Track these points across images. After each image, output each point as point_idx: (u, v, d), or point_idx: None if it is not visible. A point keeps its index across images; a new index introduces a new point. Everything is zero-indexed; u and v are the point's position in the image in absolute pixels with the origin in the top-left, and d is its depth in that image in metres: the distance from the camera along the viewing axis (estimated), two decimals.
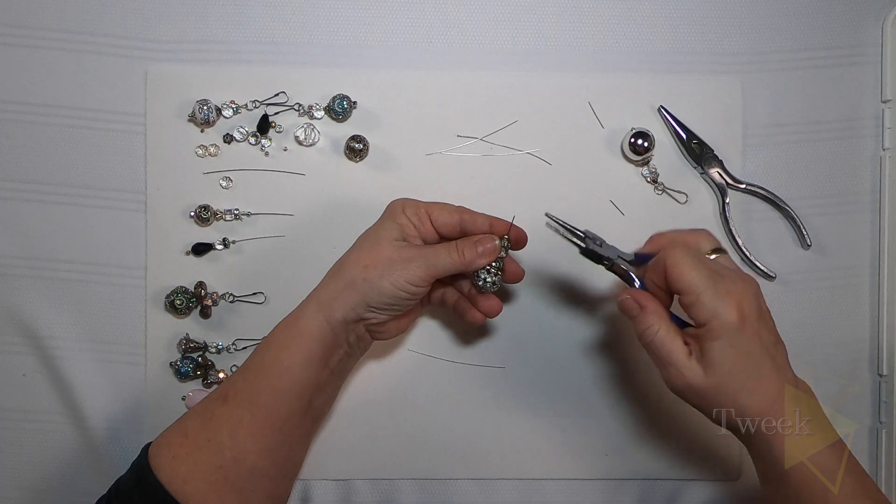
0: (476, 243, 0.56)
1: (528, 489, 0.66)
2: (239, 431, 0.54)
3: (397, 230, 0.56)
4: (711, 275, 0.50)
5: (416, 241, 0.57)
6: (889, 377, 0.66)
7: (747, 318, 0.49)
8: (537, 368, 0.65)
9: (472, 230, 0.57)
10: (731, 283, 0.50)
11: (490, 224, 0.57)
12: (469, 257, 0.55)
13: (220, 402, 0.55)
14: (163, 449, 0.54)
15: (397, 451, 0.65)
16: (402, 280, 0.54)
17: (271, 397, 0.55)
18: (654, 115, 0.66)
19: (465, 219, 0.56)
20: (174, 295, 0.63)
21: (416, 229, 0.56)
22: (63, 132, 0.65)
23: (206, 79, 0.64)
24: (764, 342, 0.50)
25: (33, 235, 0.64)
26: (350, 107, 0.64)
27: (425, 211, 0.56)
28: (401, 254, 0.54)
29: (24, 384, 0.65)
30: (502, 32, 0.66)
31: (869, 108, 0.67)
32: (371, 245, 0.56)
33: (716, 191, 0.66)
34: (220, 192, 0.65)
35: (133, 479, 0.54)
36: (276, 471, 0.57)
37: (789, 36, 0.67)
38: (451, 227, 0.57)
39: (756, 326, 0.50)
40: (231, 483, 0.54)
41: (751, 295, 0.50)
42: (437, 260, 0.55)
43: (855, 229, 0.67)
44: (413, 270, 0.54)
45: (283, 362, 0.55)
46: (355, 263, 0.55)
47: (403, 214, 0.56)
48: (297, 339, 0.55)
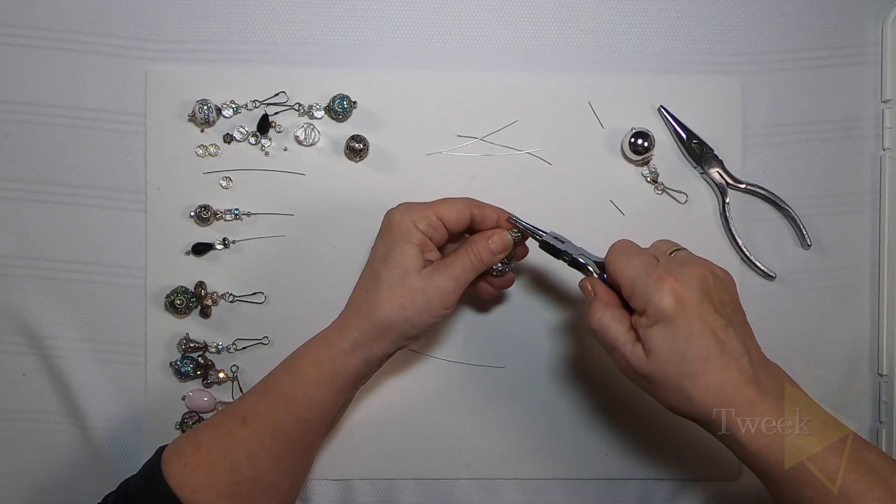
0: (488, 242, 0.55)
1: (528, 489, 0.66)
2: (259, 455, 0.53)
3: (418, 254, 0.54)
4: (646, 264, 0.50)
5: (434, 253, 0.56)
6: (889, 377, 0.66)
7: (686, 302, 0.48)
8: (537, 368, 0.65)
9: (483, 225, 0.56)
10: (667, 270, 0.49)
11: (498, 217, 0.56)
12: (487, 260, 0.55)
13: (237, 421, 0.54)
14: (174, 456, 0.54)
15: (397, 451, 0.65)
16: (440, 308, 0.54)
17: (298, 427, 0.54)
18: (654, 115, 0.66)
19: (476, 214, 0.56)
20: (174, 295, 0.63)
21: (432, 240, 0.55)
22: (63, 132, 0.65)
23: (206, 79, 0.64)
24: (710, 325, 0.48)
25: (33, 235, 0.64)
26: (350, 107, 0.64)
27: (436, 217, 0.54)
28: (433, 282, 0.53)
29: (24, 384, 0.65)
30: (502, 32, 0.66)
31: (869, 108, 0.67)
32: (401, 280, 0.53)
33: (716, 191, 0.66)
34: (220, 192, 0.65)
35: (143, 481, 0.53)
36: (291, 485, 0.57)
37: (789, 36, 0.67)
38: (462, 225, 0.56)
39: (699, 310, 0.48)
40: (245, 497, 0.53)
41: (692, 279, 0.49)
42: (463, 274, 0.54)
43: (855, 229, 0.67)
44: (447, 296, 0.54)
45: (314, 398, 0.54)
46: (390, 303, 0.53)
47: (417, 231, 0.54)
48: (332, 379, 0.54)
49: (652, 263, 0.50)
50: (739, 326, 0.50)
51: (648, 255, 0.51)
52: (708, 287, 0.49)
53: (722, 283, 0.51)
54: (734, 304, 0.51)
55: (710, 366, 0.48)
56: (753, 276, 0.66)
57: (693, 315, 0.48)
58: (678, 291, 0.48)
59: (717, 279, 0.50)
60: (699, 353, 0.48)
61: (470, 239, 0.56)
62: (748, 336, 0.50)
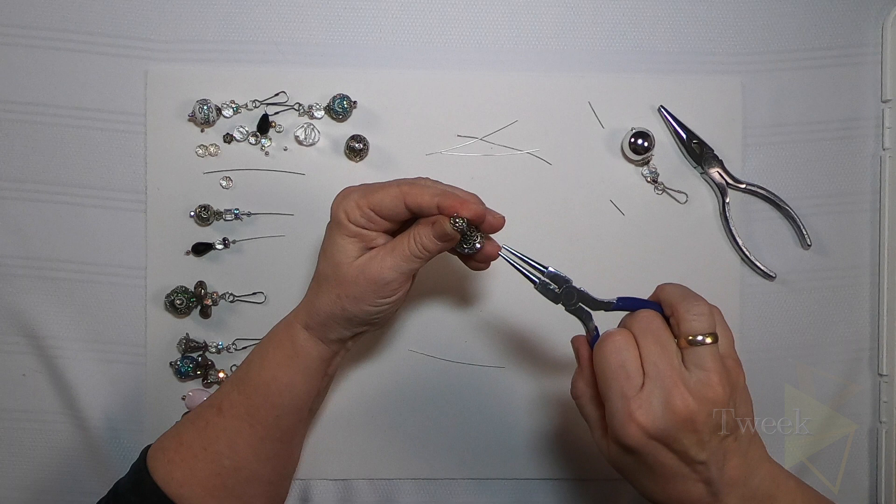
0: (432, 229, 0.50)
1: (527, 489, 0.66)
2: (238, 443, 0.54)
3: (351, 245, 0.51)
4: (624, 387, 0.45)
5: (380, 237, 0.52)
6: (889, 377, 0.66)
7: (653, 441, 0.45)
8: (537, 368, 0.65)
9: (420, 213, 0.51)
10: (643, 404, 0.44)
11: (437, 204, 0.50)
12: (433, 248, 0.51)
13: (214, 412, 0.55)
14: (159, 452, 0.54)
15: (397, 451, 0.65)
16: (378, 298, 0.52)
17: (271, 412, 0.54)
18: (654, 115, 0.66)
19: (410, 204, 0.50)
20: (174, 295, 0.63)
21: (371, 229, 0.52)
22: (63, 132, 0.64)
23: (206, 79, 0.64)
24: (684, 456, 0.45)
25: (33, 235, 0.64)
26: (350, 107, 0.64)
27: (368, 207, 0.50)
28: (366, 274, 0.51)
29: (24, 384, 0.65)
30: (502, 32, 0.66)
31: (869, 108, 0.67)
32: (334, 272, 0.52)
33: (716, 191, 0.66)
34: (220, 192, 0.65)
35: (131, 480, 0.54)
36: (275, 475, 0.57)
37: (789, 36, 0.67)
38: (399, 215, 0.51)
39: (669, 446, 0.45)
40: (230, 489, 0.54)
41: (672, 419, 0.44)
42: (404, 264, 0.51)
43: (855, 229, 0.67)
44: (384, 286, 0.51)
45: (281, 380, 0.54)
46: (326, 294, 0.52)
47: (350, 223, 0.51)
48: (295, 360, 0.54)
49: (625, 394, 0.45)
50: (724, 449, 0.46)
51: (636, 366, 0.46)
52: (693, 425, 0.44)
53: (720, 406, 0.45)
54: (733, 421, 0.46)
55: (678, 490, 0.46)
56: (753, 276, 0.66)
57: (659, 450, 0.45)
58: (648, 431, 0.44)
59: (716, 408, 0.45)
60: (667, 481, 0.46)
61: (414, 226, 0.52)
62: (730, 452, 0.46)
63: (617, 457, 0.47)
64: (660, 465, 0.46)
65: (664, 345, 0.46)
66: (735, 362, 0.48)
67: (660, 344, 0.46)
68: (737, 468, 0.46)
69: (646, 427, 0.44)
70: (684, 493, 0.46)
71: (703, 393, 0.44)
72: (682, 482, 0.46)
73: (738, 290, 0.66)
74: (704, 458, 0.45)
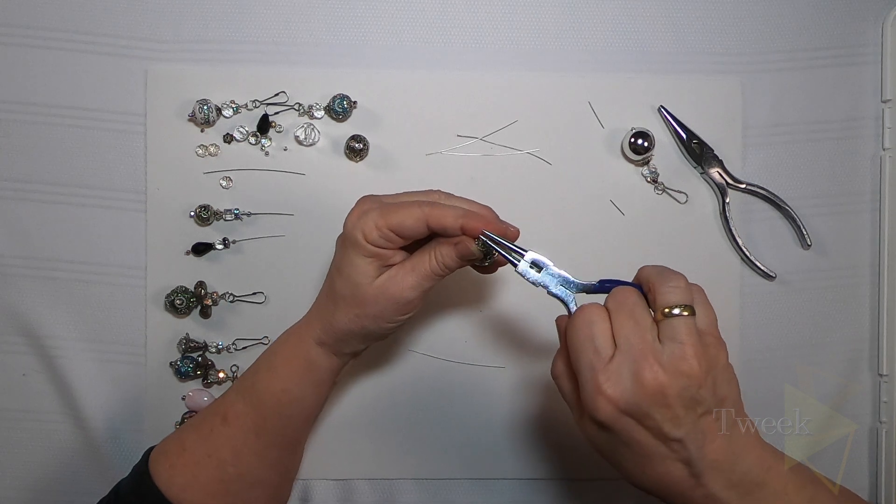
0: (454, 249, 0.51)
1: (528, 489, 0.66)
2: (243, 451, 0.54)
3: (369, 265, 0.51)
4: (594, 361, 0.45)
5: (397, 255, 0.52)
6: (889, 377, 0.66)
7: (625, 416, 0.44)
8: (537, 368, 0.65)
9: (443, 234, 0.51)
10: (611, 376, 0.44)
11: (461, 225, 0.50)
12: (452, 266, 0.52)
13: (219, 420, 0.55)
14: (161, 456, 0.54)
15: (397, 451, 0.65)
16: (397, 315, 0.52)
17: (279, 422, 0.55)
18: (654, 115, 0.66)
19: (433, 225, 0.50)
20: (174, 295, 0.63)
21: (389, 248, 0.51)
22: (63, 132, 0.64)
23: (206, 79, 0.64)
24: (657, 433, 0.44)
25: (33, 235, 0.64)
26: (350, 107, 0.64)
27: (387, 228, 0.50)
28: (386, 294, 0.51)
29: (24, 384, 0.65)
30: (502, 32, 0.66)
31: (869, 108, 0.67)
32: (352, 293, 0.52)
33: (716, 191, 0.66)
34: (220, 192, 0.65)
35: (133, 483, 0.54)
36: (279, 478, 0.57)
37: (789, 36, 0.67)
38: (419, 234, 0.51)
39: (641, 421, 0.44)
40: (233, 494, 0.54)
41: (642, 392, 0.43)
42: (425, 282, 0.51)
43: (855, 229, 0.67)
44: (404, 304, 0.52)
45: (293, 393, 0.54)
46: (345, 313, 0.52)
47: (368, 243, 0.50)
48: (308, 374, 0.54)
49: (594, 367, 0.45)
50: (702, 429, 0.45)
51: (606, 339, 0.45)
52: (664, 399, 0.43)
53: (695, 381, 0.44)
54: (712, 398, 0.45)
55: (656, 468, 0.46)
56: (753, 276, 0.66)
57: (632, 426, 0.44)
58: (617, 404, 0.44)
59: (690, 382, 0.44)
60: (643, 458, 0.45)
61: (435, 244, 0.52)
62: (710, 432, 0.45)
63: (594, 434, 0.47)
64: (635, 443, 0.45)
65: (638, 319, 0.45)
66: (716, 339, 0.46)
67: (633, 318, 0.45)
68: (719, 450, 0.45)
69: (615, 400, 0.43)
70: (665, 475, 0.46)
71: (676, 365, 0.43)
72: (660, 462, 0.45)
73: (738, 290, 0.66)
74: (680, 435, 0.44)
